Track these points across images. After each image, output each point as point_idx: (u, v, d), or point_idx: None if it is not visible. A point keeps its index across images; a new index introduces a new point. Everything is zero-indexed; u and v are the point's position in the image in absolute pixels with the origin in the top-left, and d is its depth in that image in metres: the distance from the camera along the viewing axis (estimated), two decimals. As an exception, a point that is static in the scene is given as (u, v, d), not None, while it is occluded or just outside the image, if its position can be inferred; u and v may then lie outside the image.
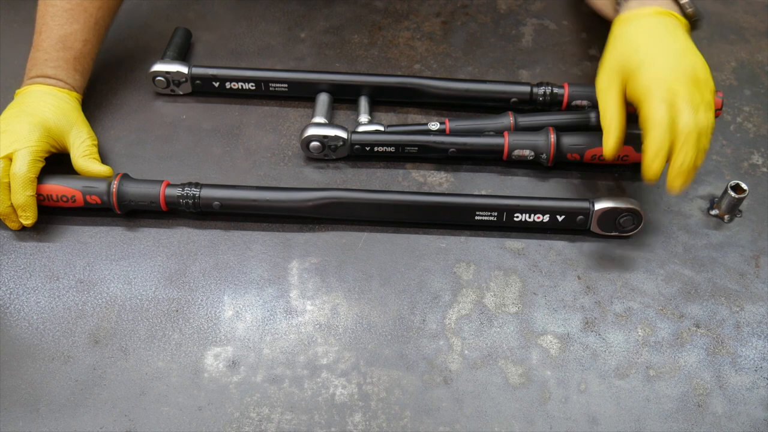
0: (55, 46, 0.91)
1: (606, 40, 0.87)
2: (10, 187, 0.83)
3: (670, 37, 0.83)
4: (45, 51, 0.91)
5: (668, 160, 0.79)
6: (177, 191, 0.87)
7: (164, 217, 0.90)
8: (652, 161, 0.78)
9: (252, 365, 0.78)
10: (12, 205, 0.84)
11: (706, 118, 0.79)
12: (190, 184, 0.87)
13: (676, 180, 0.79)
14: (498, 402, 0.76)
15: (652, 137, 0.78)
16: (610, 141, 0.83)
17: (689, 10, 0.87)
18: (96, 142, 0.91)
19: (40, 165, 0.85)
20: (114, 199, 0.86)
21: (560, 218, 0.87)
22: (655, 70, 0.80)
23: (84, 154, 0.89)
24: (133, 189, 0.86)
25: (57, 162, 0.89)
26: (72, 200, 0.86)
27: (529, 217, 0.87)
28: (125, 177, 0.87)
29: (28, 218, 0.85)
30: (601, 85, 0.85)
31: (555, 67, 1.09)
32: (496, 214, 0.87)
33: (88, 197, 0.86)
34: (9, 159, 0.84)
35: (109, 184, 0.86)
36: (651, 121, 0.78)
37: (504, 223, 0.88)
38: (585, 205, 0.87)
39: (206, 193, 0.87)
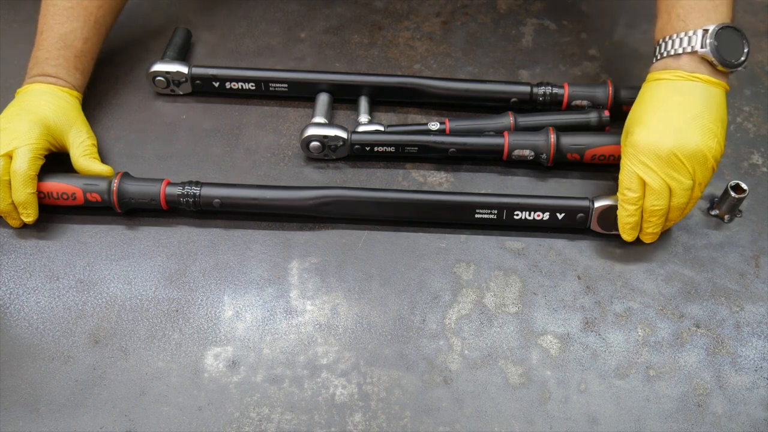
0: (55, 44, 0.91)
1: (606, 41, 0.87)
2: (10, 184, 0.84)
3: (674, 109, 0.80)
4: (46, 50, 0.91)
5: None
6: (177, 190, 0.86)
7: (164, 216, 0.90)
8: (622, 231, 0.86)
9: (252, 365, 0.78)
10: (13, 203, 0.84)
11: (683, 199, 0.81)
12: (190, 183, 0.87)
13: (645, 239, 0.87)
14: (498, 402, 0.76)
15: (622, 212, 0.84)
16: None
17: (717, 65, 0.80)
18: (95, 142, 0.91)
19: (40, 162, 0.85)
20: (114, 197, 0.86)
21: (560, 216, 0.87)
22: (633, 143, 0.81)
23: (84, 154, 0.89)
24: (133, 187, 0.86)
25: (57, 161, 0.89)
26: (72, 198, 0.86)
27: (529, 215, 0.87)
28: (126, 175, 0.87)
29: (29, 215, 0.85)
30: (621, 139, 0.87)
31: (555, 67, 1.09)
32: (496, 211, 0.87)
33: (88, 195, 0.86)
34: (9, 157, 0.84)
35: (110, 182, 0.86)
36: (621, 197, 0.84)
37: (504, 221, 0.88)
38: (585, 203, 0.87)
39: (207, 191, 0.86)
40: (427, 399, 0.76)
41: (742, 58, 0.81)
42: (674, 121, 0.80)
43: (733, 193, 0.88)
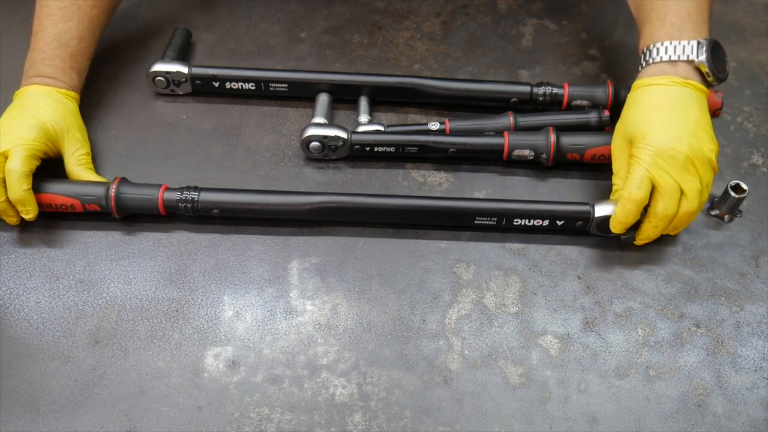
0: (50, 44, 0.91)
1: (606, 41, 0.87)
2: (5, 183, 0.83)
3: (678, 114, 0.82)
4: (41, 50, 0.91)
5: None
6: (176, 195, 0.86)
7: (164, 218, 0.89)
8: (614, 226, 0.85)
9: (252, 365, 0.78)
10: (8, 201, 0.84)
11: (695, 202, 0.81)
12: (188, 188, 0.87)
13: (641, 242, 0.87)
14: (498, 402, 0.76)
15: (622, 210, 0.83)
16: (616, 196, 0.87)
17: (708, 74, 0.83)
18: (89, 150, 0.91)
19: (36, 162, 0.85)
20: (113, 203, 0.85)
21: (560, 223, 0.87)
22: (650, 145, 0.81)
23: (79, 163, 0.89)
24: (131, 195, 0.86)
25: (56, 166, 0.89)
26: (71, 208, 0.86)
27: (529, 222, 0.87)
28: (123, 182, 0.87)
29: (28, 212, 0.85)
30: (614, 147, 0.88)
31: (555, 67, 1.09)
32: (495, 219, 0.87)
33: (87, 206, 0.86)
34: (4, 156, 0.84)
35: (108, 190, 0.85)
36: (624, 192, 0.82)
37: (503, 227, 0.88)
38: (586, 209, 0.86)
39: (205, 197, 0.86)
40: (427, 399, 0.76)
41: (727, 71, 0.86)
42: (684, 125, 0.81)
43: (733, 193, 0.88)
